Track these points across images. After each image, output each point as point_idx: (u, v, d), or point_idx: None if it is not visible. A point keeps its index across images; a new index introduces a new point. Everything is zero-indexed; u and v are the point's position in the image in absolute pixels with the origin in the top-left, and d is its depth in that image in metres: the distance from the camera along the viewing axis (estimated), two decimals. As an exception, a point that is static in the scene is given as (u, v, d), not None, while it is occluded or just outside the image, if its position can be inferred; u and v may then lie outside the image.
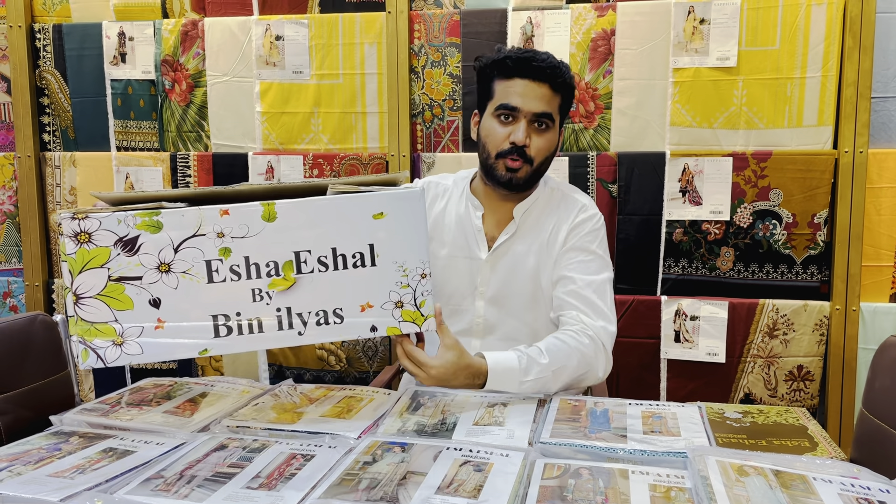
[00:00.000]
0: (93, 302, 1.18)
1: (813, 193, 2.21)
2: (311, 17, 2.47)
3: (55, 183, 2.67)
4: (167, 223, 1.20)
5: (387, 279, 1.29)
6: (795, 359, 2.25)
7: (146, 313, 1.21)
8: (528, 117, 1.59)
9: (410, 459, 1.14)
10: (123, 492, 1.04)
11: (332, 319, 1.27)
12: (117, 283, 1.19)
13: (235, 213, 1.22)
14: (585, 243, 1.65)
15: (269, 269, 1.24)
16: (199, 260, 1.22)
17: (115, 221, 1.19)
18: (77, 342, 1.18)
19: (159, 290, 1.21)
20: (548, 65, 1.59)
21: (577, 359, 1.51)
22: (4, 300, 2.74)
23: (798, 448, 1.21)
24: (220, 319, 1.23)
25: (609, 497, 1.01)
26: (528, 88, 1.58)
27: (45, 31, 2.62)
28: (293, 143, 2.52)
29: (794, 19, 2.18)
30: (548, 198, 1.70)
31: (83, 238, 1.18)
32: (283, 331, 1.26)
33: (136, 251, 1.20)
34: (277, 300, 1.25)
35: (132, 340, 1.20)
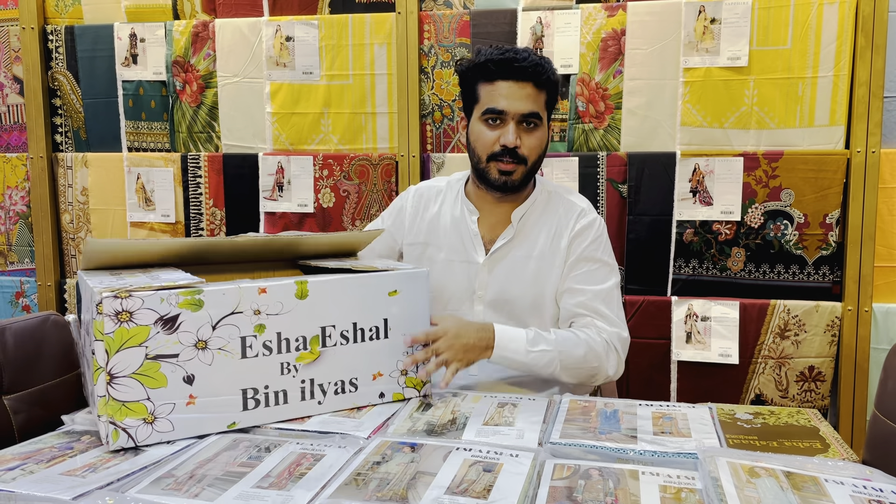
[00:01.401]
0: (127, 381, 1.16)
1: (825, 193, 2.20)
2: (321, 18, 2.47)
3: (67, 183, 2.69)
4: (208, 301, 1.21)
5: (395, 350, 1.41)
6: (807, 360, 2.24)
7: (179, 390, 1.21)
8: (516, 118, 1.58)
9: (420, 459, 1.14)
10: (135, 491, 1.05)
11: (348, 388, 1.37)
12: (154, 360, 1.18)
13: (272, 291, 1.26)
14: (590, 252, 1.63)
15: (298, 344, 1.30)
16: (236, 336, 1.24)
17: (159, 300, 1.17)
18: (106, 422, 1.16)
19: (194, 367, 1.22)
20: (530, 63, 1.57)
21: (584, 349, 1.54)
22: (17, 300, 2.76)
23: (810, 449, 1.20)
24: (249, 393, 1.26)
25: (619, 498, 1.01)
26: (512, 90, 1.57)
27: (58, 32, 2.64)
28: (303, 144, 2.53)
29: (806, 18, 2.17)
30: (545, 202, 1.69)
31: (124, 317, 1.15)
32: (304, 401, 1.32)
33: (175, 329, 1.19)
34: (303, 372, 1.31)
35: (163, 418, 1.20)
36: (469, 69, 1.63)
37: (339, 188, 2.49)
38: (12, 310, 2.77)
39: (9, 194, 2.75)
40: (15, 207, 2.75)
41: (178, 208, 2.61)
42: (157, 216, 2.62)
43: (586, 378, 1.58)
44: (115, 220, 2.67)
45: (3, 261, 2.78)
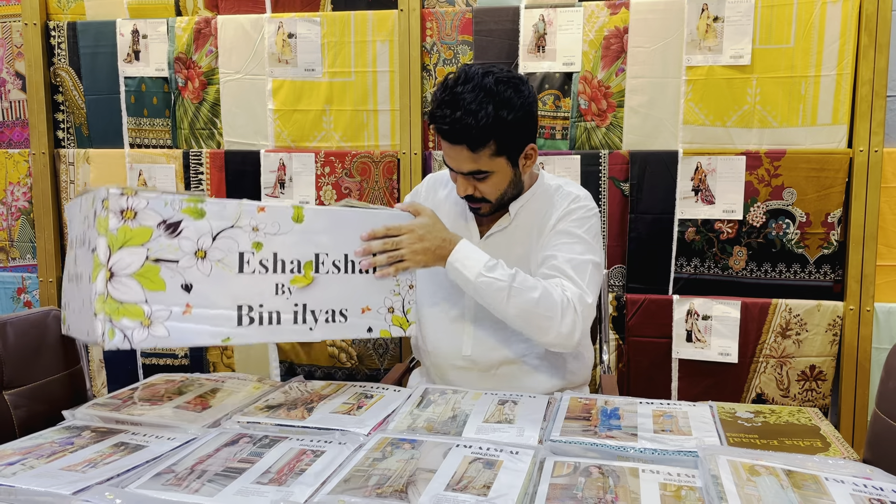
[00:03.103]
0: (127, 281, 1.17)
1: (827, 193, 2.19)
2: (323, 15, 2.47)
3: (69, 180, 2.69)
4: (210, 211, 1.25)
5: (384, 287, 1.45)
6: (808, 359, 2.23)
7: (177, 297, 1.22)
8: (462, 174, 1.55)
9: (420, 456, 1.14)
10: (135, 486, 1.05)
11: (338, 318, 1.39)
12: (154, 263, 1.20)
13: (270, 211, 1.32)
14: (572, 227, 1.59)
15: (293, 267, 1.34)
16: (234, 251, 1.28)
17: (163, 203, 1.21)
18: (103, 320, 1.14)
19: (193, 276, 1.24)
20: (457, 130, 1.45)
21: (540, 294, 1.46)
22: (19, 296, 2.77)
23: (810, 448, 1.20)
24: (244, 309, 1.29)
25: (619, 496, 1.01)
26: (450, 150, 1.51)
27: (60, 28, 2.64)
28: (305, 141, 2.53)
29: (809, 17, 2.17)
30: (543, 193, 1.67)
31: (129, 215, 1.18)
32: (297, 325, 1.34)
33: (177, 234, 1.22)
34: (296, 296, 1.34)
35: (160, 323, 1.19)
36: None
37: (340, 185, 2.49)
38: (14, 305, 2.78)
39: (11, 190, 2.75)
40: (17, 203, 2.75)
41: (179, 205, 2.61)
42: (159, 213, 2.62)
43: (536, 329, 1.49)
44: (117, 217, 2.67)
45: (5, 257, 2.78)
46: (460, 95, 1.45)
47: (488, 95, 1.45)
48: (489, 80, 1.47)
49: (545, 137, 2.37)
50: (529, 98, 1.53)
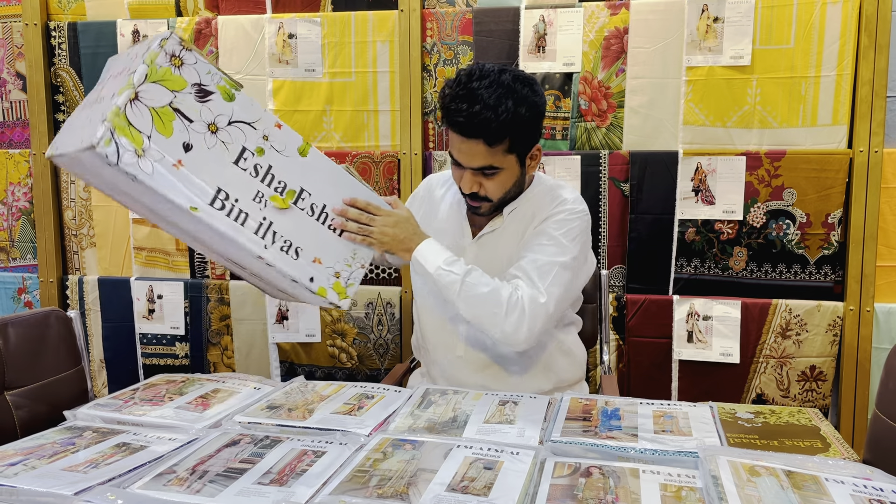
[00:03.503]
0: (144, 110, 1.24)
1: (827, 193, 2.19)
2: (323, 16, 2.47)
3: (69, 180, 2.69)
4: (239, 100, 1.35)
5: (341, 252, 1.48)
6: (808, 359, 2.24)
7: (175, 148, 1.27)
8: (471, 169, 1.54)
9: (421, 457, 1.15)
10: (136, 486, 1.05)
11: (291, 252, 1.41)
12: (174, 111, 1.27)
13: (284, 131, 1.41)
14: (550, 229, 1.59)
15: (278, 186, 1.40)
16: (239, 142, 1.35)
17: (206, 70, 1.31)
18: (108, 128, 1.19)
19: (197, 140, 1.30)
20: (475, 125, 1.46)
21: (489, 291, 1.50)
22: (19, 296, 2.77)
23: (810, 449, 1.20)
24: (221, 194, 1.33)
25: (619, 496, 1.01)
26: (462, 145, 1.50)
27: (61, 29, 2.64)
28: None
29: (809, 18, 2.17)
30: (536, 196, 1.67)
31: (176, 62, 1.28)
32: (256, 235, 1.37)
33: (204, 101, 1.31)
34: (268, 211, 1.39)
35: (150, 161, 1.24)
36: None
37: (341, 186, 2.49)
38: (14, 306, 2.78)
39: (11, 190, 2.75)
40: (17, 204, 2.75)
41: (180, 205, 2.61)
42: (160, 213, 2.63)
43: (485, 323, 1.51)
44: (118, 217, 2.67)
45: (6, 257, 2.78)
46: (477, 91, 1.46)
47: (507, 91, 1.47)
48: (506, 76, 1.49)
49: (545, 138, 2.38)
50: (543, 98, 1.55)
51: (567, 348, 1.70)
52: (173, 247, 2.64)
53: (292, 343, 2.58)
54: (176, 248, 2.64)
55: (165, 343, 2.67)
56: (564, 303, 1.60)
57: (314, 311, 2.54)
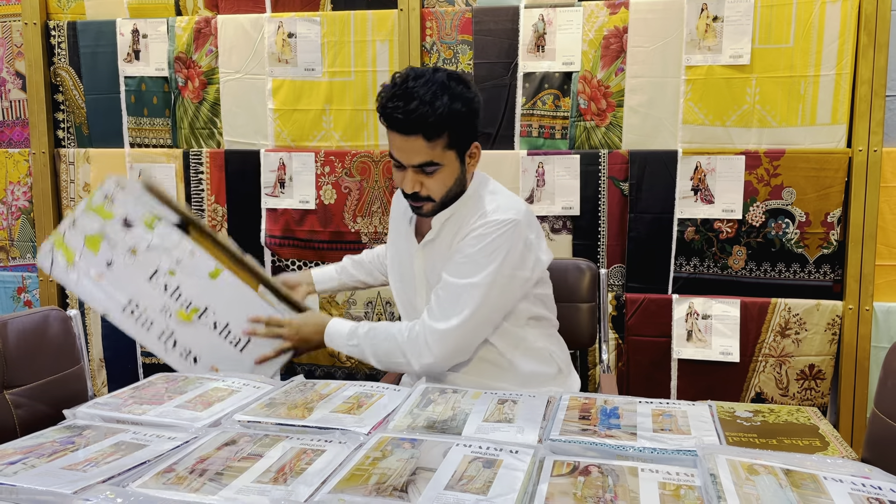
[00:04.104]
0: (78, 233, 1.58)
1: (826, 192, 2.20)
2: (323, 15, 2.47)
3: (69, 179, 2.69)
4: (158, 230, 1.63)
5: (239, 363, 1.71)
6: (807, 358, 2.24)
7: (99, 264, 1.58)
8: (412, 167, 1.56)
9: (420, 455, 1.15)
10: (136, 485, 1.05)
11: (189, 359, 1.67)
12: (101, 235, 1.59)
13: (199, 257, 1.66)
14: (467, 247, 1.59)
15: (184, 302, 1.64)
16: (154, 264, 1.62)
17: (134, 204, 1.61)
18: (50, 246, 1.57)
19: (118, 259, 1.59)
20: (413, 121, 1.49)
21: (389, 344, 1.63)
22: (19, 295, 2.77)
23: (809, 447, 1.20)
24: (132, 305, 1.61)
25: (618, 495, 1.01)
26: (402, 142, 1.53)
27: (60, 28, 2.64)
28: (305, 141, 2.53)
29: (809, 17, 2.17)
30: (464, 205, 1.66)
31: (108, 199, 1.60)
32: (159, 340, 1.64)
33: (129, 229, 1.61)
34: (173, 322, 1.64)
35: (77, 272, 1.58)
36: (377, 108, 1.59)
37: (340, 185, 2.50)
38: (14, 305, 2.78)
39: (11, 190, 2.75)
40: (17, 203, 2.75)
41: (179, 204, 2.62)
42: (159, 212, 2.63)
43: (399, 367, 1.66)
44: (117, 216, 2.67)
45: (6, 256, 2.78)
46: (413, 89, 1.50)
47: (442, 88, 1.51)
48: (441, 75, 1.54)
49: (545, 137, 2.38)
50: (478, 96, 1.61)
51: (530, 346, 1.70)
52: (173, 246, 2.64)
53: (292, 342, 2.58)
54: (175, 248, 2.64)
55: (165, 342, 2.67)
56: (485, 317, 1.61)
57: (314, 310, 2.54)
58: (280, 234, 2.55)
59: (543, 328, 1.76)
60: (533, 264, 1.66)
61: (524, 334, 1.70)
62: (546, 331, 1.77)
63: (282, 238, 2.56)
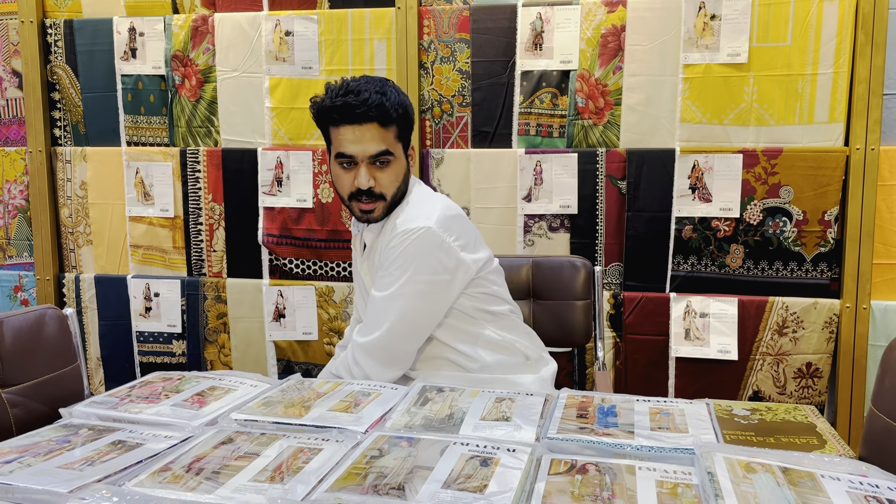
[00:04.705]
0: None
1: (824, 191, 2.20)
2: (320, 13, 2.47)
3: (66, 178, 2.69)
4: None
5: None
6: (805, 356, 2.24)
7: None
8: (366, 160, 1.58)
9: (417, 454, 1.14)
10: (132, 484, 1.05)
11: None
12: None
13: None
14: (384, 260, 1.64)
15: None
16: None
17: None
18: None
19: None
20: (369, 106, 1.54)
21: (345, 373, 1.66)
22: (16, 294, 2.76)
23: (806, 445, 1.20)
24: None
25: (616, 493, 1.01)
26: (357, 134, 1.57)
27: (57, 26, 2.64)
28: (302, 139, 2.52)
29: (806, 15, 2.17)
30: (392, 216, 1.69)
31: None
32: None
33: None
34: None
35: None
36: (317, 113, 1.62)
37: (338, 183, 2.49)
38: (11, 304, 2.78)
39: (7, 188, 2.74)
40: (14, 201, 2.75)
41: (176, 203, 2.61)
42: (156, 211, 2.63)
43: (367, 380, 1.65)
44: (114, 215, 2.67)
45: (2, 255, 2.78)
46: (360, 84, 1.57)
47: (385, 83, 1.61)
48: (377, 77, 1.63)
49: (543, 136, 2.38)
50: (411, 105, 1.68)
51: (489, 340, 1.71)
52: (170, 245, 2.64)
53: (289, 341, 2.58)
54: (173, 246, 2.64)
55: (162, 341, 2.67)
56: (409, 324, 1.63)
57: (311, 309, 2.54)
58: (277, 232, 2.55)
59: (501, 321, 1.75)
60: (455, 266, 1.64)
61: (480, 330, 1.71)
62: (505, 323, 1.76)
63: (279, 237, 2.55)
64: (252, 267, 2.60)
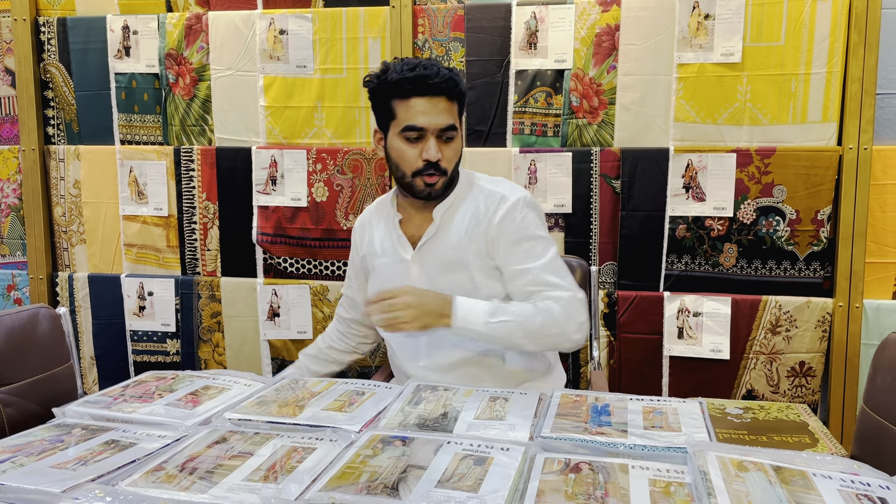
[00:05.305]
0: None
1: (817, 190, 2.20)
2: (314, 12, 2.46)
3: (59, 176, 2.68)
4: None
5: None
6: (798, 355, 2.25)
7: None
8: (435, 133, 1.59)
9: (411, 453, 1.15)
10: (125, 483, 1.05)
11: None
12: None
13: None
14: (521, 232, 1.63)
15: None
16: None
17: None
18: None
19: None
20: (443, 79, 1.57)
21: (543, 318, 1.56)
22: (9, 293, 2.75)
23: (798, 444, 1.21)
24: None
25: (609, 491, 1.01)
26: (428, 106, 1.58)
27: (50, 24, 2.63)
28: (297, 138, 2.52)
29: (800, 15, 2.17)
30: (466, 194, 1.69)
31: None
32: None
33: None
34: None
35: None
36: (380, 86, 1.62)
37: (332, 182, 2.49)
38: (4, 303, 2.77)
39: (0, 187, 2.73)
40: (7, 200, 2.74)
41: (170, 202, 2.61)
42: (150, 209, 2.62)
43: (551, 345, 1.64)
44: (108, 214, 2.66)
45: (-5, 253, 2.77)
46: (427, 61, 1.60)
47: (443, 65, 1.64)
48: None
49: (537, 135, 2.38)
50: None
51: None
52: (164, 244, 2.63)
53: (284, 340, 2.58)
54: (167, 245, 2.63)
55: (156, 340, 2.66)
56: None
57: (306, 308, 2.54)
58: (272, 231, 2.55)
59: None
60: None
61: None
62: None
63: (273, 236, 2.55)
64: (246, 266, 2.59)
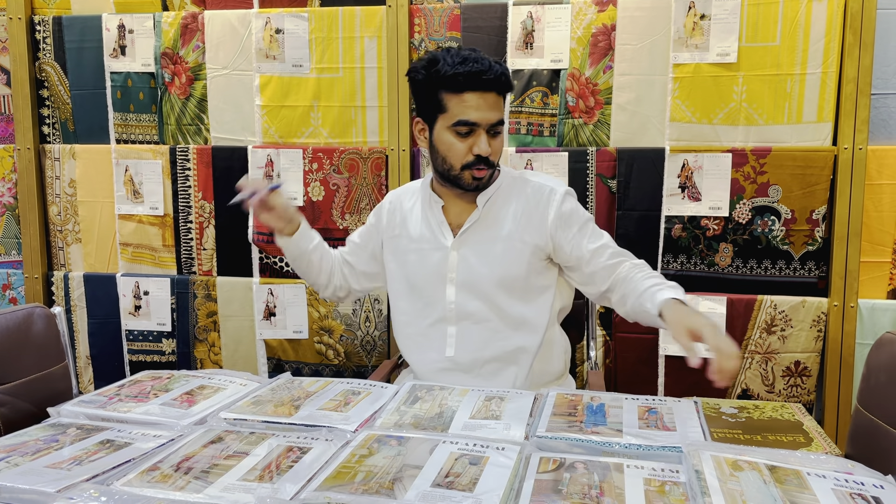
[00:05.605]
0: None
1: (812, 190, 2.21)
2: (311, 11, 2.46)
3: (55, 175, 2.67)
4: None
5: None
6: (793, 354, 2.25)
7: None
8: (486, 128, 1.59)
9: (407, 452, 1.15)
10: (120, 483, 1.04)
11: None
12: None
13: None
14: (580, 216, 1.68)
15: None
16: None
17: None
18: None
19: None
20: (496, 76, 1.57)
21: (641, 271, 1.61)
22: (4, 292, 2.75)
23: (793, 443, 1.21)
24: None
25: (604, 491, 1.02)
26: (480, 101, 1.57)
27: (45, 23, 2.62)
28: (293, 137, 2.52)
29: (795, 15, 2.18)
30: (510, 185, 1.70)
31: None
32: None
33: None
34: None
35: None
36: (429, 79, 1.60)
37: (328, 182, 2.49)
38: (-1, 302, 2.76)
39: (-5, 186, 2.73)
40: (2, 199, 2.73)
41: (166, 201, 2.60)
42: (146, 209, 2.61)
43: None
44: (103, 213, 2.66)
45: (-10, 253, 2.76)
46: (477, 53, 1.58)
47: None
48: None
49: (533, 134, 2.38)
50: None
51: (550, 338, 1.71)
52: (160, 243, 2.63)
53: (280, 340, 2.58)
54: (162, 245, 2.63)
55: (152, 339, 2.66)
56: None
57: (302, 308, 2.54)
58: (268, 230, 2.54)
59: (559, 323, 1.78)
60: None
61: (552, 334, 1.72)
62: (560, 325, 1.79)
63: (270, 235, 2.54)
64: (242, 265, 2.59)
